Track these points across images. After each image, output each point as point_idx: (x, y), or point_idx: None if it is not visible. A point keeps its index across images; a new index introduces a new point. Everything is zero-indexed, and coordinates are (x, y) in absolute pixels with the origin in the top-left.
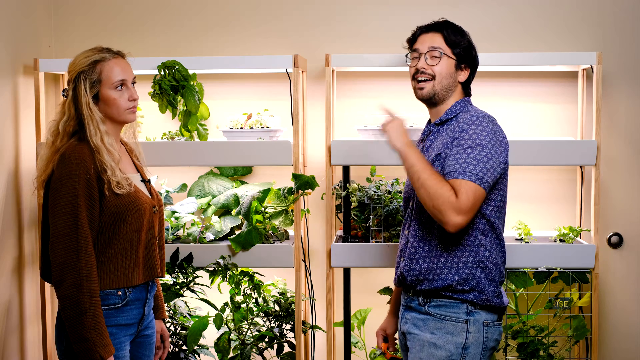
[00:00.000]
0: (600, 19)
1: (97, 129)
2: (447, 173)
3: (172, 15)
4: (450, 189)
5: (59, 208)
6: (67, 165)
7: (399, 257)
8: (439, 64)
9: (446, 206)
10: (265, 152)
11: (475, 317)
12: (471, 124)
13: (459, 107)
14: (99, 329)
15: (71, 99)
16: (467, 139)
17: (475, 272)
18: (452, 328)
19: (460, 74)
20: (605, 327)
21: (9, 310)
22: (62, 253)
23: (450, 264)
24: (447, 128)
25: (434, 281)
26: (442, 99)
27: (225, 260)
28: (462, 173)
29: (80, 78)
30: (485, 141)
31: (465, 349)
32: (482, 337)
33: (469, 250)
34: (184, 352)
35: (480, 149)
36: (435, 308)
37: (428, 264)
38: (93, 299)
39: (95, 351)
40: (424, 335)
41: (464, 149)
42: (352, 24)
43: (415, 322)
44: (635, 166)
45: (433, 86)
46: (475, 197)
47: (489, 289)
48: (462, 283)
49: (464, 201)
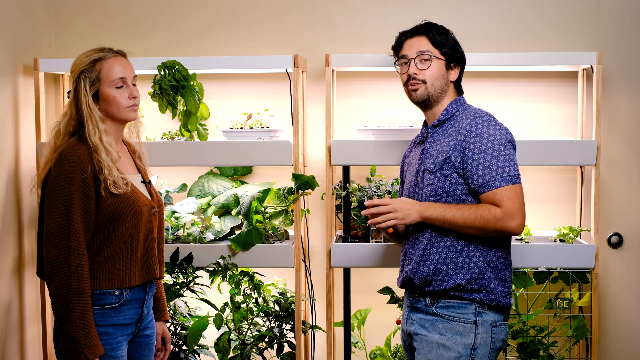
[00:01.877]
0: (600, 19)
1: (96, 128)
2: (484, 184)
3: (172, 15)
4: (488, 207)
5: (54, 207)
6: (64, 164)
7: (403, 261)
8: (430, 67)
9: (498, 224)
10: (265, 152)
11: (484, 318)
12: (481, 125)
13: (455, 106)
14: (87, 329)
15: (72, 99)
16: (487, 142)
17: (486, 271)
18: (460, 329)
19: (451, 73)
20: (605, 327)
21: (9, 310)
22: (53, 252)
23: (462, 264)
24: (447, 129)
25: (444, 282)
26: (436, 100)
27: (225, 260)
28: (503, 180)
29: (81, 77)
30: (504, 139)
31: (474, 349)
32: (489, 338)
33: (480, 249)
34: (184, 352)
35: (503, 149)
36: (444, 309)
37: (436, 265)
38: (82, 298)
39: (81, 351)
40: (433, 336)
41: (490, 154)
42: (352, 24)
43: (423, 323)
44: (635, 166)
45: (426, 89)
46: (518, 196)
47: (498, 288)
48: (472, 282)
49: (510, 207)
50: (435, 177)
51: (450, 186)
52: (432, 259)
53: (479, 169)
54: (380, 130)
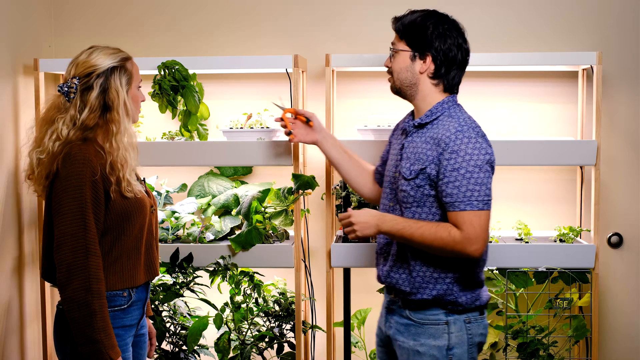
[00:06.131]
0: (600, 19)
1: (128, 126)
2: (450, 203)
3: (172, 15)
4: (448, 229)
5: (65, 208)
6: (74, 164)
7: (378, 255)
8: (395, 60)
9: (456, 247)
10: (265, 152)
11: (456, 317)
12: (460, 142)
13: (441, 109)
14: (107, 330)
15: (99, 93)
16: (461, 161)
17: (453, 287)
18: (433, 332)
19: (417, 64)
20: (605, 327)
21: (9, 310)
22: (68, 254)
23: (429, 279)
24: (427, 132)
25: (412, 294)
26: (410, 93)
27: (225, 260)
28: (469, 203)
29: (114, 73)
30: (481, 160)
31: (449, 350)
32: (465, 335)
33: (449, 266)
34: (184, 352)
35: (478, 171)
36: (416, 313)
37: (407, 275)
38: (102, 300)
39: (106, 353)
40: (408, 343)
41: (462, 174)
42: (352, 24)
43: (399, 327)
44: (635, 166)
45: (393, 81)
46: (480, 221)
47: (464, 298)
48: (439, 298)
49: (471, 232)
50: (409, 185)
51: (422, 197)
52: (404, 268)
53: (449, 187)
54: (380, 130)
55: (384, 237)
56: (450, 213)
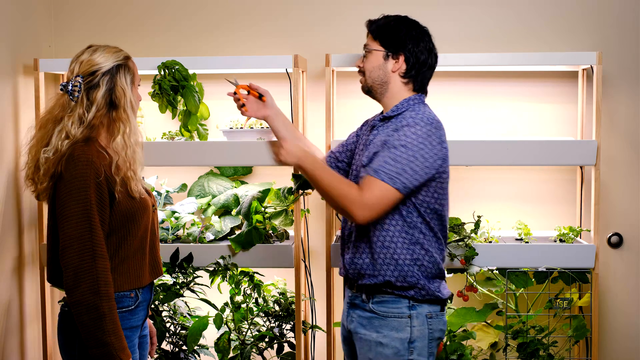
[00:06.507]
0: (600, 19)
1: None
2: (364, 165)
3: (172, 15)
4: (352, 186)
5: (70, 211)
6: (77, 166)
7: (342, 246)
8: (368, 60)
9: (349, 202)
10: (265, 152)
11: (418, 311)
12: (406, 124)
13: (406, 105)
14: (118, 333)
15: (105, 91)
16: (396, 139)
17: (413, 269)
18: (396, 324)
19: (389, 63)
20: (605, 327)
21: (9, 310)
22: (74, 257)
23: (390, 260)
24: (390, 125)
25: (374, 277)
26: (379, 92)
27: (225, 260)
28: (376, 172)
29: (120, 71)
30: (412, 144)
31: (411, 343)
32: (426, 330)
33: (407, 247)
34: (184, 352)
35: (403, 150)
36: (379, 305)
37: (370, 259)
38: (111, 302)
39: (117, 355)
40: (370, 335)
41: (388, 147)
42: (352, 24)
43: (361, 321)
44: (635, 166)
45: (365, 81)
46: (382, 194)
47: (428, 284)
48: (401, 280)
49: (367, 197)
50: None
51: None
52: (366, 252)
53: (371, 152)
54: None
55: (347, 228)
56: (362, 175)
